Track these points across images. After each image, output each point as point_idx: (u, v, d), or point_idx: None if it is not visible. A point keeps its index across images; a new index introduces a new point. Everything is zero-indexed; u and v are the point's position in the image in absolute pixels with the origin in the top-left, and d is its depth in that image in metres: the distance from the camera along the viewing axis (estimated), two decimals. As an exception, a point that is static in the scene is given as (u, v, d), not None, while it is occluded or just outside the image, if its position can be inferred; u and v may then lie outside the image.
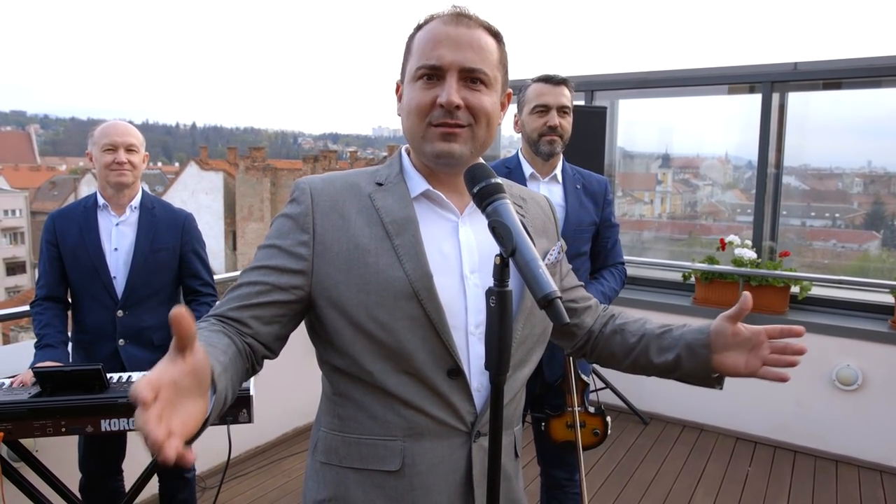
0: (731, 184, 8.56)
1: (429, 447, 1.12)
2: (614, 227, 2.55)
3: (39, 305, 2.44)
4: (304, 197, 1.15)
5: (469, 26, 1.12)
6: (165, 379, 0.78)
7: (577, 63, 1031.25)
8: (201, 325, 1.10)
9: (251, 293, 1.12)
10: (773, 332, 1.18)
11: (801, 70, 4.42)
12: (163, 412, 0.75)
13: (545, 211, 1.34)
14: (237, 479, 3.63)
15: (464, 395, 1.12)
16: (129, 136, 2.43)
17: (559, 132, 2.33)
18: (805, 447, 4.10)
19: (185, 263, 2.54)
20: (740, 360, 1.20)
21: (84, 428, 2.11)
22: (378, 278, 1.09)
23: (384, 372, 1.10)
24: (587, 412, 2.45)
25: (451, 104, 1.08)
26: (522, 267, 0.94)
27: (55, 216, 2.50)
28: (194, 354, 0.83)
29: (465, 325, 1.12)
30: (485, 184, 1.02)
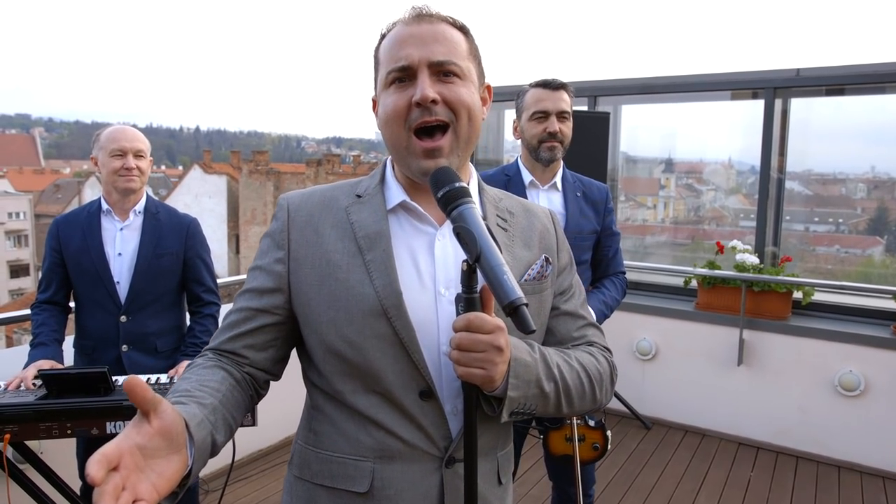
0: (734, 189, 8.55)
1: (399, 471, 1.07)
2: (615, 236, 2.52)
3: (38, 307, 2.46)
4: (282, 213, 1.15)
5: (431, 22, 1.09)
6: (125, 447, 0.79)
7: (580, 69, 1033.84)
8: (198, 360, 1.13)
9: (239, 321, 1.13)
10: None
11: (803, 76, 4.43)
12: (127, 481, 0.77)
13: (543, 223, 1.26)
14: (240, 482, 3.64)
15: (437, 418, 1.07)
16: (137, 142, 2.44)
17: (559, 138, 2.31)
18: (807, 453, 4.10)
19: (189, 268, 2.54)
20: None
21: (90, 430, 2.12)
22: (348, 295, 1.07)
23: (354, 392, 1.08)
24: (587, 425, 2.43)
25: (427, 99, 1.04)
26: (488, 273, 0.91)
27: (59, 222, 2.51)
28: (160, 415, 0.84)
29: (438, 345, 1.07)
30: (448, 188, 0.99)
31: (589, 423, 2.43)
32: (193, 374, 1.07)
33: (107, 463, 0.76)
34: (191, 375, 1.07)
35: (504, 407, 1.03)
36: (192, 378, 1.05)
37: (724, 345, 4.36)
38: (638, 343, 4.67)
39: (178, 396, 0.98)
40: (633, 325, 4.69)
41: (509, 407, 1.03)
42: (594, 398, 1.16)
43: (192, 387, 1.02)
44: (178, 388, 1.02)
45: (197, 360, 1.13)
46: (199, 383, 1.03)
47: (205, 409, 0.97)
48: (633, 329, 4.69)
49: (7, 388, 2.21)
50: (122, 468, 0.78)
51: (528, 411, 1.07)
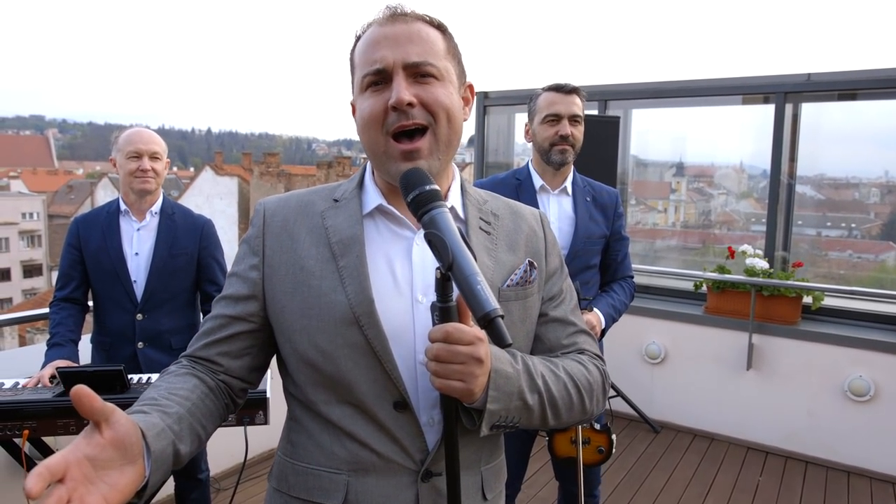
0: (745, 193, 8.53)
1: (373, 484, 1.04)
2: (624, 240, 2.53)
3: (56, 305, 2.51)
4: (258, 219, 1.13)
5: (406, 21, 1.05)
6: (72, 459, 0.77)
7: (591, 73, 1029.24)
8: (171, 367, 1.10)
9: (214, 328, 1.11)
10: None
11: (814, 81, 4.43)
12: (74, 493, 0.76)
13: (531, 225, 1.21)
14: (251, 480, 3.68)
15: (412, 429, 1.03)
16: (153, 144, 2.49)
17: (570, 141, 2.32)
18: (816, 458, 4.10)
19: (203, 268, 2.59)
20: None
21: (105, 427, 2.16)
22: (320, 302, 1.04)
23: (328, 402, 1.06)
24: (592, 429, 2.44)
25: (402, 102, 0.99)
26: (461, 282, 0.87)
27: (79, 221, 2.56)
28: (112, 426, 0.81)
29: (414, 354, 1.03)
30: (419, 191, 0.94)
31: (594, 426, 2.44)
32: (164, 381, 1.05)
33: (49, 475, 0.74)
34: (161, 383, 1.04)
35: (483, 420, 0.98)
36: (161, 386, 1.03)
37: (734, 349, 4.36)
38: (647, 346, 4.68)
39: (142, 405, 0.96)
40: (642, 328, 4.70)
41: (489, 420, 0.99)
42: (583, 409, 1.11)
43: (160, 395, 0.99)
44: (147, 395, 1.00)
45: (170, 368, 1.10)
46: (168, 391, 1.01)
47: (168, 419, 0.94)
48: (643, 332, 4.70)
49: (25, 387, 2.26)
50: (69, 480, 0.76)
51: (511, 424, 1.04)
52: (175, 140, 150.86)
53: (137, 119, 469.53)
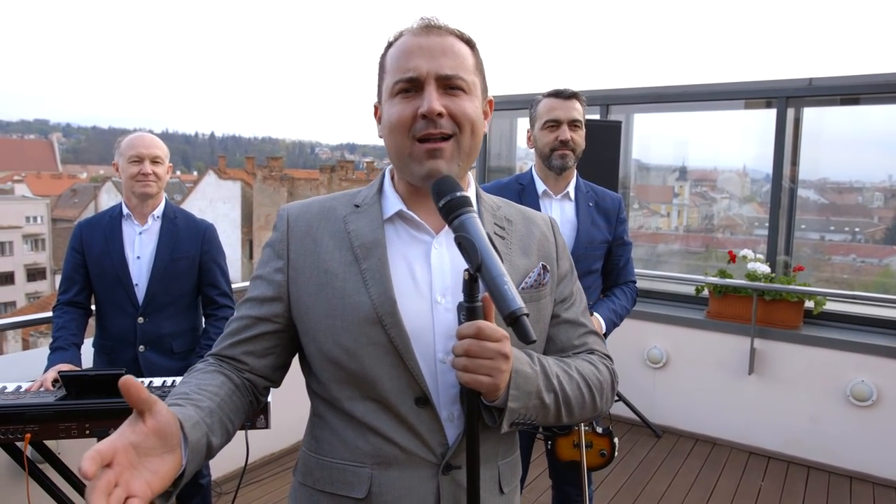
0: (749, 197, 8.52)
1: (396, 477, 1.08)
2: (627, 246, 2.54)
3: (59, 309, 2.52)
4: (282, 223, 1.17)
5: (440, 35, 1.10)
6: (119, 445, 0.82)
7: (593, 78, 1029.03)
8: (198, 365, 1.15)
9: (240, 328, 1.16)
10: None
11: (816, 86, 4.44)
12: (120, 477, 0.80)
13: (542, 230, 1.26)
14: (252, 484, 3.68)
15: (433, 424, 1.07)
16: (154, 148, 2.51)
17: (571, 146, 2.33)
18: (819, 463, 4.09)
19: (204, 272, 2.60)
20: None
21: (107, 430, 2.16)
22: (344, 303, 1.08)
23: (352, 399, 1.10)
24: (594, 432, 2.44)
25: (433, 112, 1.05)
26: (489, 283, 0.92)
27: (83, 225, 2.58)
28: (154, 415, 0.86)
29: (434, 352, 1.08)
30: (450, 198, 0.99)
31: (597, 429, 2.44)
32: (193, 378, 1.09)
33: (100, 459, 0.78)
34: (190, 379, 1.09)
35: (504, 418, 1.03)
36: (191, 382, 1.08)
37: (735, 354, 4.36)
38: (649, 351, 4.68)
39: (175, 399, 1.00)
40: (643, 333, 4.69)
41: (509, 418, 1.03)
42: (594, 407, 1.17)
43: (191, 390, 1.04)
44: (177, 391, 1.04)
45: (198, 365, 1.15)
46: (198, 387, 1.05)
47: (201, 412, 0.99)
48: (644, 337, 4.70)
49: (28, 391, 2.27)
50: (116, 465, 0.80)
51: (528, 422, 1.08)
52: (179, 144, 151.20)
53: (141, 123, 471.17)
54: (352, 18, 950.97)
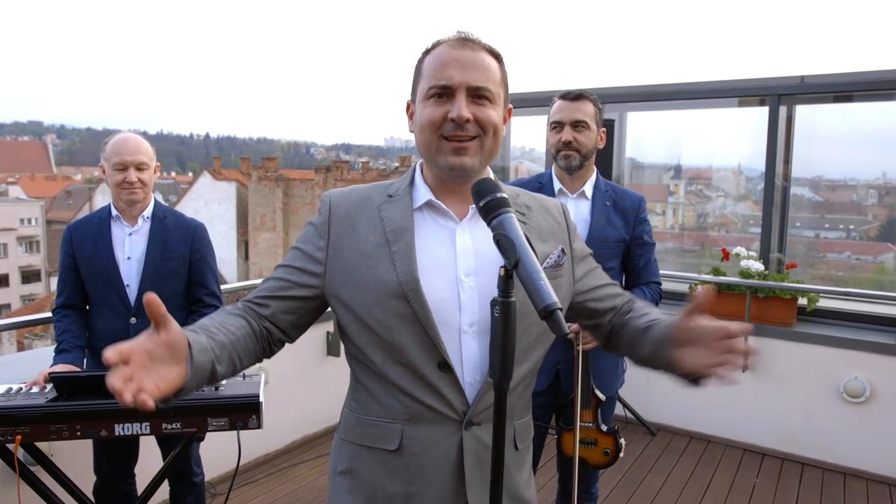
0: (744, 195, 8.53)
1: (424, 431, 1.23)
2: (647, 246, 2.52)
3: (59, 313, 2.52)
4: (325, 208, 1.32)
5: (474, 49, 1.24)
6: (137, 348, 1.00)
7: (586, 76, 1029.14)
8: (227, 307, 1.31)
9: (276, 287, 1.31)
10: (732, 332, 1.09)
11: (808, 83, 4.45)
12: (135, 374, 0.97)
13: (555, 216, 1.40)
14: (246, 485, 3.68)
15: (454, 386, 1.21)
16: (138, 154, 2.45)
17: (574, 146, 2.35)
18: (813, 459, 4.10)
19: (194, 272, 2.58)
20: (696, 359, 1.14)
21: (98, 432, 2.16)
22: (375, 280, 1.22)
23: (384, 363, 1.24)
24: (599, 430, 2.43)
25: (462, 118, 1.20)
26: (525, 279, 1.00)
27: (72, 228, 2.57)
28: (169, 331, 1.03)
29: (459, 324, 1.22)
30: (490, 198, 1.10)
31: (602, 427, 2.44)
32: (219, 315, 1.26)
33: (119, 354, 0.96)
34: (216, 316, 1.26)
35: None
36: (215, 318, 1.24)
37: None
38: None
39: (195, 327, 1.16)
40: (638, 331, 4.69)
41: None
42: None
43: (212, 324, 1.20)
44: (201, 322, 1.21)
45: (227, 307, 1.30)
46: (220, 323, 1.21)
47: (213, 342, 1.14)
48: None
49: (18, 392, 2.26)
50: (132, 363, 0.98)
51: None
52: (173, 145, 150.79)
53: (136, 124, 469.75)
54: (346, 19, 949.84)
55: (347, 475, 1.31)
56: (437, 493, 1.24)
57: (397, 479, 1.25)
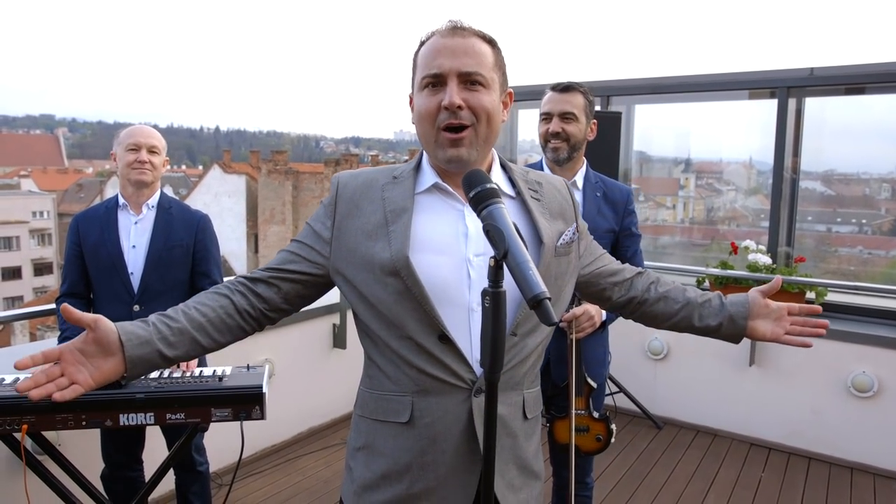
0: (754, 189, 8.47)
1: (434, 402, 1.26)
2: (635, 237, 2.54)
3: (62, 301, 2.54)
4: (333, 189, 1.38)
5: (464, 36, 1.27)
6: (66, 349, 1.14)
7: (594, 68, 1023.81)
8: (219, 285, 1.37)
9: (285, 259, 1.37)
10: (794, 310, 1.48)
11: (817, 75, 4.41)
12: (65, 370, 1.13)
13: (562, 194, 1.45)
14: (252, 476, 3.70)
15: (457, 357, 1.24)
16: (151, 139, 2.55)
17: (562, 136, 2.35)
18: (820, 454, 4.08)
19: (198, 261, 2.62)
20: (767, 328, 1.48)
21: (103, 421, 2.18)
22: (373, 259, 1.27)
23: (389, 337, 1.28)
24: (591, 417, 2.45)
25: (453, 105, 1.22)
26: (514, 269, 1.01)
27: (79, 218, 2.61)
28: (95, 330, 1.16)
29: (468, 303, 1.26)
30: (480, 189, 1.11)
31: (593, 414, 2.45)
32: (201, 295, 1.35)
33: (42, 358, 1.11)
34: (199, 296, 1.34)
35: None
36: (196, 298, 1.34)
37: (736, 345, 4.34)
38: (650, 343, 4.67)
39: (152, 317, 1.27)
40: (644, 324, 4.67)
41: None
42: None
43: (184, 307, 1.30)
44: (174, 308, 1.30)
45: (220, 285, 1.37)
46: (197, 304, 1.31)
47: (168, 329, 1.24)
48: (645, 329, 4.64)
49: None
50: (63, 361, 1.13)
51: None
52: (184, 138, 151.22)
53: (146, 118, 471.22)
54: (356, 12, 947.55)
55: (364, 450, 1.35)
56: (451, 461, 1.26)
57: (411, 450, 1.27)
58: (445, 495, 1.27)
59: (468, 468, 1.27)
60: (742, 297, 1.50)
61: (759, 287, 1.49)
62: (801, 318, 1.49)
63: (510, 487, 1.32)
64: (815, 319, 1.48)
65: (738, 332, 1.50)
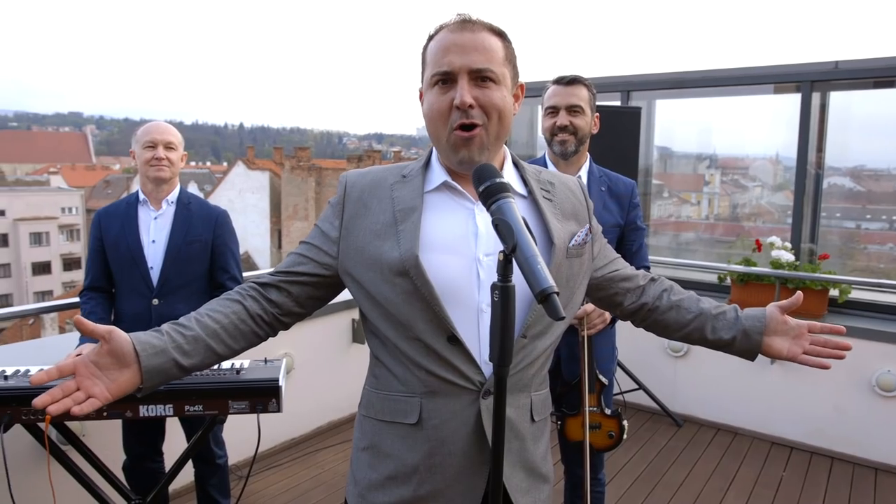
0: (781, 185, 8.34)
1: (442, 404, 1.24)
2: (640, 231, 2.52)
3: (85, 295, 2.61)
4: (340, 189, 1.36)
5: (473, 31, 1.24)
6: (80, 362, 1.13)
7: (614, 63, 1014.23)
8: (231, 291, 1.35)
9: (293, 262, 1.36)
10: (815, 328, 1.42)
11: (842, 69, 4.33)
12: (81, 384, 1.11)
13: (575, 194, 1.42)
14: (271, 469, 3.74)
15: (466, 359, 1.22)
16: (167, 135, 2.59)
17: (570, 130, 2.33)
18: (843, 454, 4.02)
19: (216, 256, 2.65)
20: (784, 345, 1.42)
21: (124, 412, 2.22)
22: (381, 259, 1.25)
23: (397, 337, 1.26)
24: (603, 413, 2.43)
25: (465, 104, 1.20)
26: (522, 263, 1.00)
27: (101, 213, 2.66)
28: (110, 341, 1.14)
29: (477, 303, 1.23)
30: (489, 183, 1.10)
31: (605, 411, 2.44)
32: (214, 302, 1.32)
33: (57, 373, 1.10)
34: (211, 303, 1.32)
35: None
36: (208, 306, 1.31)
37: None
38: (670, 340, 4.62)
39: (168, 325, 1.24)
40: (665, 321, 4.63)
41: None
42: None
43: (195, 315, 1.27)
44: (188, 315, 1.27)
45: (231, 291, 1.35)
46: (206, 312, 1.28)
47: (182, 338, 1.22)
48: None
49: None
50: (78, 375, 1.12)
51: None
52: (208, 135, 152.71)
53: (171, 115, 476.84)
54: (380, 9, 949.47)
55: (369, 451, 1.33)
56: (459, 463, 1.25)
57: (419, 451, 1.25)
58: (452, 497, 1.26)
59: (476, 470, 1.25)
60: (759, 312, 1.44)
61: (779, 302, 1.43)
62: (821, 337, 1.42)
63: (517, 490, 1.30)
64: (836, 340, 1.41)
65: (753, 348, 1.44)
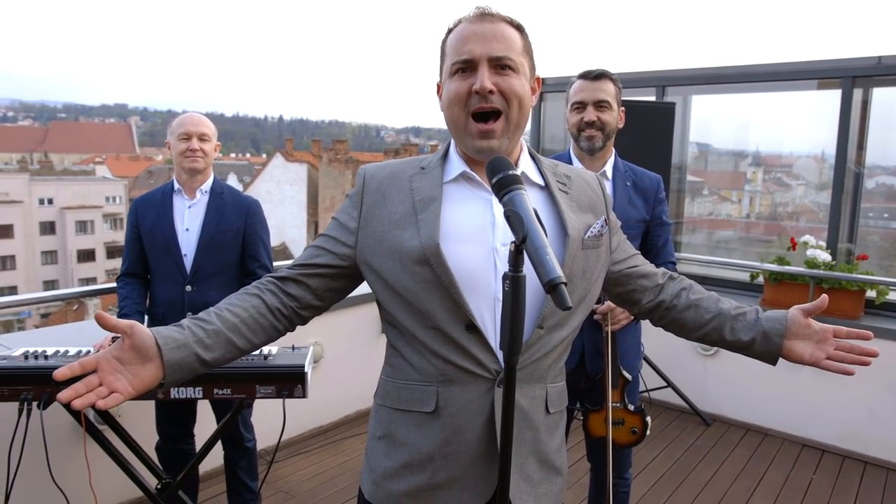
0: (826, 183, 8.13)
1: (458, 392, 1.25)
2: (666, 226, 2.50)
3: (122, 281, 2.71)
4: (359, 181, 1.38)
5: (492, 22, 1.27)
6: (103, 357, 1.12)
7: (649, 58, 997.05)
8: (249, 286, 1.36)
9: (311, 254, 1.37)
10: (840, 333, 1.38)
11: (886, 64, 4.21)
12: (104, 379, 1.11)
13: (593, 188, 1.43)
14: (299, 455, 3.82)
15: (483, 347, 1.24)
16: (201, 126, 2.66)
17: (597, 126, 2.31)
18: (876, 458, 3.94)
19: (247, 245, 2.72)
20: (806, 350, 1.38)
21: (155, 393, 2.30)
22: (401, 248, 1.26)
23: (415, 326, 1.27)
24: (626, 409, 2.42)
25: (485, 89, 1.22)
26: (532, 253, 1.02)
27: (138, 202, 2.76)
28: (131, 336, 1.14)
29: (494, 292, 1.24)
30: (502, 175, 1.12)
31: (629, 407, 2.43)
32: (232, 296, 1.33)
33: (80, 368, 1.08)
34: (231, 297, 1.33)
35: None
36: (228, 300, 1.32)
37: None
38: (688, 340, 4.57)
39: (188, 321, 1.24)
40: (695, 319, 4.58)
41: None
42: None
43: (215, 309, 1.28)
44: (208, 309, 1.28)
45: (249, 286, 1.36)
46: (226, 307, 1.29)
47: (203, 332, 1.22)
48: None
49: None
50: (100, 370, 1.11)
51: None
52: (248, 127, 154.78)
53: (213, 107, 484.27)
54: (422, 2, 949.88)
55: (385, 439, 1.34)
56: (473, 451, 1.25)
57: (435, 439, 1.26)
58: (467, 485, 1.27)
59: (491, 458, 1.25)
60: (780, 314, 1.41)
61: (802, 305, 1.38)
62: (847, 342, 1.37)
63: (528, 480, 1.30)
64: (862, 346, 1.36)
65: (773, 351, 1.39)
